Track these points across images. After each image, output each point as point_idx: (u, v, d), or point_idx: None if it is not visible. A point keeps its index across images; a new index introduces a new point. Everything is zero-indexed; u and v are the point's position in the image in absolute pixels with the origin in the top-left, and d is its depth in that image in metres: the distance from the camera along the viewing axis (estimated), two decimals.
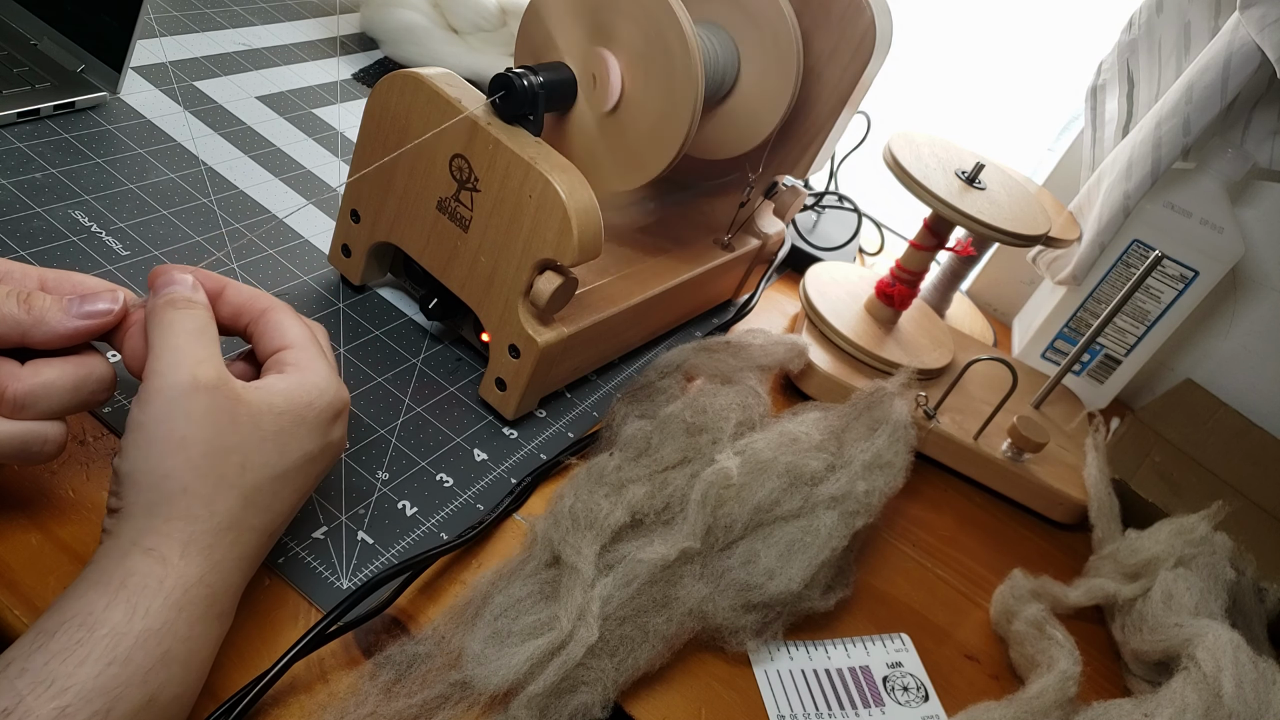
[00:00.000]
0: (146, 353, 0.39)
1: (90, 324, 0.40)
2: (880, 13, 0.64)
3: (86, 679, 0.33)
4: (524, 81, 0.52)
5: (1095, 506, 0.68)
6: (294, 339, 0.43)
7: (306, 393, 0.41)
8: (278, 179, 0.71)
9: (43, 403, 0.38)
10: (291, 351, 0.43)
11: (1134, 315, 0.83)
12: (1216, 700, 0.50)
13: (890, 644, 0.57)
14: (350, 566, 0.47)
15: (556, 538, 0.49)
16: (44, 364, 0.39)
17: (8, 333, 0.38)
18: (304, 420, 0.41)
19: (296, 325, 0.44)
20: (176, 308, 0.40)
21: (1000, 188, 0.71)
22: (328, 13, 0.96)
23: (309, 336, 0.44)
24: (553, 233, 0.51)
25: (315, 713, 0.41)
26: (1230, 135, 0.77)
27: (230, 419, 0.38)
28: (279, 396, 0.40)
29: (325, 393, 0.42)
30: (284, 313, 0.44)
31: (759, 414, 0.60)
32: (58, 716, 0.32)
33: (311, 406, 0.41)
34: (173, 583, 0.36)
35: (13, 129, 0.63)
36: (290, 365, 0.42)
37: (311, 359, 0.43)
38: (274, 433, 0.40)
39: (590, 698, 0.44)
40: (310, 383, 0.42)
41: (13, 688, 0.32)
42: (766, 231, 0.75)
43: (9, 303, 0.38)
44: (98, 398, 0.41)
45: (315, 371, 0.42)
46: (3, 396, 0.38)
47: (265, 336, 0.43)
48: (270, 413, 0.40)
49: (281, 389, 0.41)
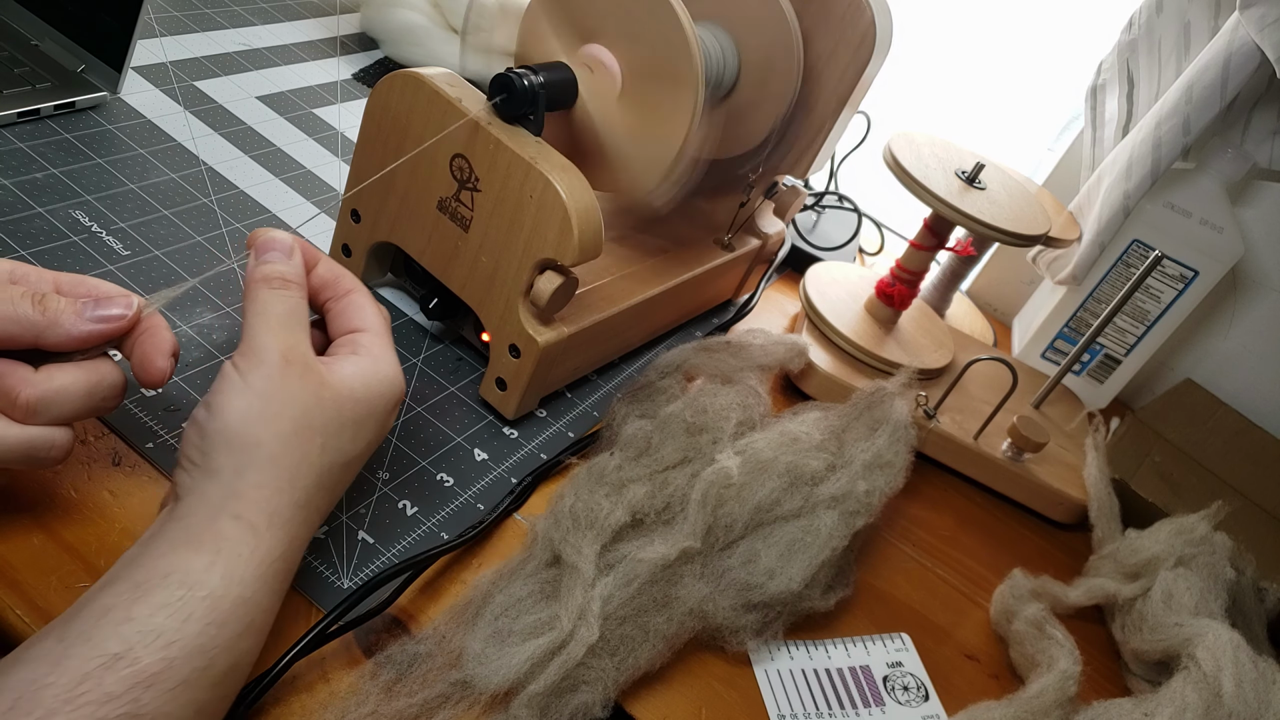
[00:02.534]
0: (243, 325, 0.41)
1: (103, 328, 0.40)
2: (880, 13, 0.64)
3: (190, 636, 0.34)
4: (524, 81, 0.52)
5: (1095, 506, 0.68)
6: (371, 324, 0.45)
7: (380, 384, 0.43)
8: (278, 179, 0.71)
9: (55, 408, 0.39)
10: (366, 335, 0.44)
11: (1134, 315, 0.83)
12: (1216, 700, 0.50)
13: (890, 644, 0.57)
14: (351, 566, 0.48)
15: (557, 537, 0.49)
16: (57, 369, 0.39)
17: (22, 333, 0.38)
18: (375, 411, 0.43)
19: (374, 311, 0.46)
20: (273, 288, 0.42)
21: (1000, 188, 0.71)
22: (328, 13, 0.96)
23: (383, 325, 0.46)
24: (553, 233, 0.51)
25: (316, 712, 0.41)
26: (1230, 135, 0.77)
27: (317, 400, 0.40)
28: (359, 385, 0.42)
29: (395, 385, 0.44)
30: (365, 296, 0.46)
31: (759, 414, 0.60)
32: (163, 669, 0.33)
33: (383, 398, 0.43)
34: (262, 554, 0.37)
35: (13, 129, 0.64)
36: (364, 350, 0.44)
37: (384, 348, 0.44)
38: (351, 419, 0.41)
39: (591, 697, 0.44)
40: (383, 374, 0.43)
41: (118, 634, 0.32)
42: (766, 231, 0.75)
43: (24, 304, 0.38)
44: (109, 404, 0.41)
45: (388, 362, 0.44)
46: (16, 401, 0.38)
47: (345, 315, 0.45)
48: (350, 399, 0.41)
49: (359, 376, 0.42)
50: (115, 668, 0.32)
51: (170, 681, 0.33)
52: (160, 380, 0.41)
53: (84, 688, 0.31)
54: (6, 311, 0.38)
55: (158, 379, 0.41)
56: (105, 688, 0.31)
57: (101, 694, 0.31)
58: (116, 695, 0.31)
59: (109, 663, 0.32)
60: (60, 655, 0.32)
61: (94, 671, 0.31)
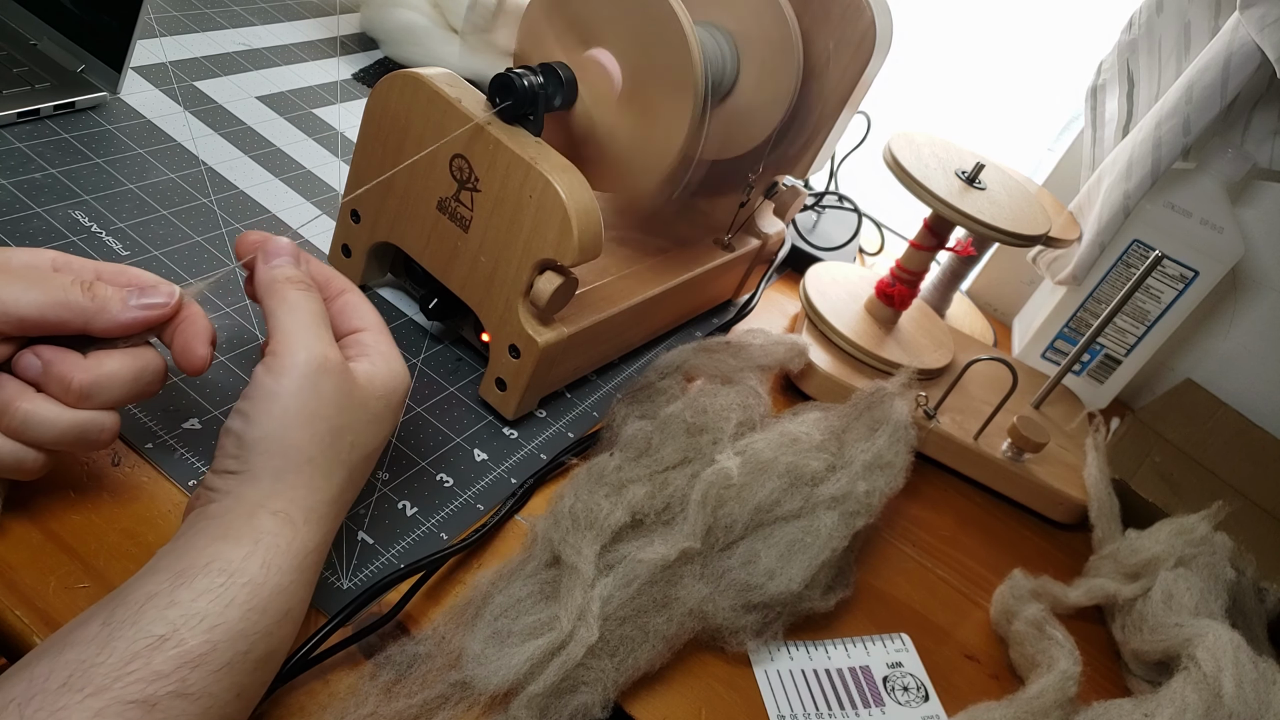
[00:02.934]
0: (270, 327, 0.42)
1: (148, 314, 0.41)
2: (880, 13, 0.63)
3: (233, 621, 0.35)
4: (524, 82, 0.52)
5: (1095, 506, 0.68)
6: (370, 322, 0.46)
7: (392, 379, 0.44)
8: (278, 179, 0.71)
9: (105, 393, 0.40)
10: (369, 334, 0.45)
11: (1134, 315, 0.83)
12: (1216, 700, 0.50)
13: (890, 644, 0.57)
14: (350, 566, 0.47)
15: (557, 538, 0.49)
16: (105, 356, 0.41)
17: (72, 319, 0.39)
18: (391, 405, 0.44)
19: (371, 310, 0.47)
20: (298, 289, 0.43)
21: (1000, 188, 0.71)
22: (328, 13, 0.96)
23: (381, 322, 0.47)
24: (553, 233, 0.51)
25: (315, 713, 0.41)
26: (1230, 135, 0.77)
27: (348, 400, 0.41)
28: (378, 382, 0.43)
29: (404, 379, 0.45)
30: (358, 295, 0.47)
31: (759, 414, 0.60)
32: (208, 651, 0.34)
33: (396, 392, 0.44)
34: (299, 545, 0.38)
35: (13, 129, 0.63)
36: (372, 348, 0.45)
37: (388, 344, 0.46)
38: (375, 416, 0.43)
39: (590, 698, 0.44)
40: (394, 370, 0.45)
41: (164, 617, 0.34)
42: (766, 231, 0.75)
43: (74, 290, 0.40)
44: (152, 388, 0.42)
45: (395, 358, 0.45)
46: (70, 386, 0.39)
47: (343, 316, 0.46)
48: (373, 396, 0.43)
49: (381, 376, 0.44)
50: (163, 648, 0.33)
51: (215, 663, 0.34)
52: (202, 366, 0.42)
53: (133, 666, 0.32)
54: (58, 298, 0.39)
55: (199, 365, 0.42)
56: (154, 666, 0.33)
57: (150, 672, 0.32)
58: (165, 674, 0.33)
59: (156, 644, 0.33)
60: (107, 637, 0.33)
61: (142, 651, 0.33)
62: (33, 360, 0.39)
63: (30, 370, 0.39)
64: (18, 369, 0.40)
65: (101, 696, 0.31)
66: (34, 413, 0.39)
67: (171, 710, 0.33)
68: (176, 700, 0.33)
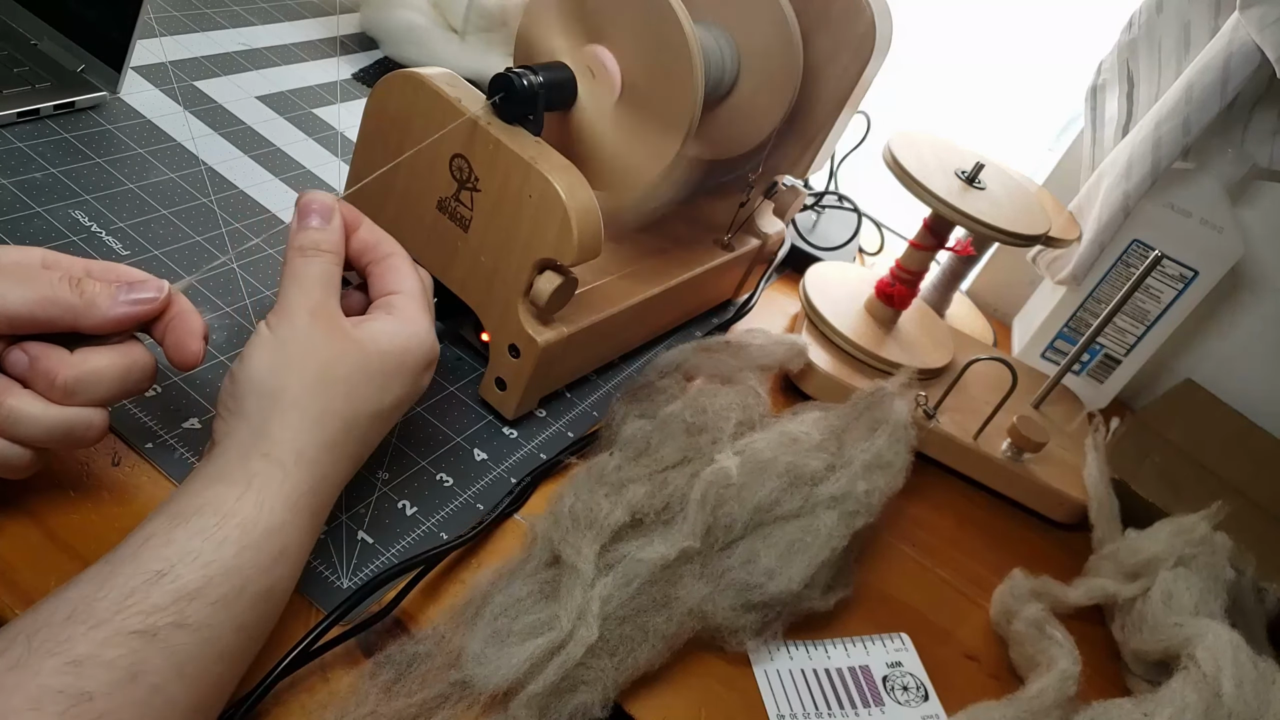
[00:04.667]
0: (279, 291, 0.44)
1: (137, 310, 0.41)
2: (880, 13, 0.64)
3: (227, 557, 0.36)
4: (524, 81, 0.52)
5: (1095, 506, 0.68)
6: (407, 287, 0.47)
7: (407, 340, 0.45)
8: (278, 179, 0.71)
9: (92, 389, 0.40)
10: (401, 298, 0.47)
11: (1134, 315, 0.83)
12: (1216, 700, 0.50)
13: (890, 644, 0.57)
14: (350, 566, 0.48)
15: (556, 537, 0.49)
16: (92, 352, 0.41)
17: (61, 315, 0.40)
18: (403, 366, 0.45)
19: (412, 275, 0.48)
20: (305, 256, 0.44)
21: (1000, 188, 0.71)
22: (328, 13, 0.96)
23: (420, 288, 0.48)
24: (553, 233, 0.51)
25: (315, 712, 0.41)
26: (1230, 135, 0.77)
27: (340, 353, 0.42)
28: (384, 339, 0.44)
29: (423, 343, 0.46)
30: (404, 260, 0.48)
31: (759, 414, 0.60)
32: (203, 585, 0.35)
33: (410, 353, 0.45)
34: (290, 487, 0.40)
35: (13, 129, 0.64)
36: (397, 310, 0.46)
37: (417, 310, 0.47)
38: (378, 372, 0.44)
39: (590, 697, 0.44)
40: (411, 332, 0.45)
41: (160, 555, 0.36)
42: (766, 231, 0.75)
43: (62, 287, 0.40)
44: (141, 386, 0.42)
45: (418, 322, 0.46)
46: (54, 382, 0.39)
47: (383, 278, 0.47)
48: (376, 353, 0.44)
49: (386, 333, 0.45)
50: (160, 583, 0.35)
51: (211, 596, 0.35)
52: (194, 362, 0.43)
53: (132, 600, 0.34)
54: (46, 294, 0.39)
55: (192, 361, 0.43)
56: (152, 599, 0.34)
57: (149, 605, 0.34)
58: (163, 606, 0.34)
59: (153, 579, 0.35)
60: (108, 574, 0.35)
61: (140, 586, 0.34)
62: (20, 356, 0.40)
63: (17, 366, 0.40)
64: (4, 365, 0.40)
65: (104, 628, 0.33)
66: (19, 409, 0.39)
67: (172, 639, 0.34)
68: (176, 630, 0.34)
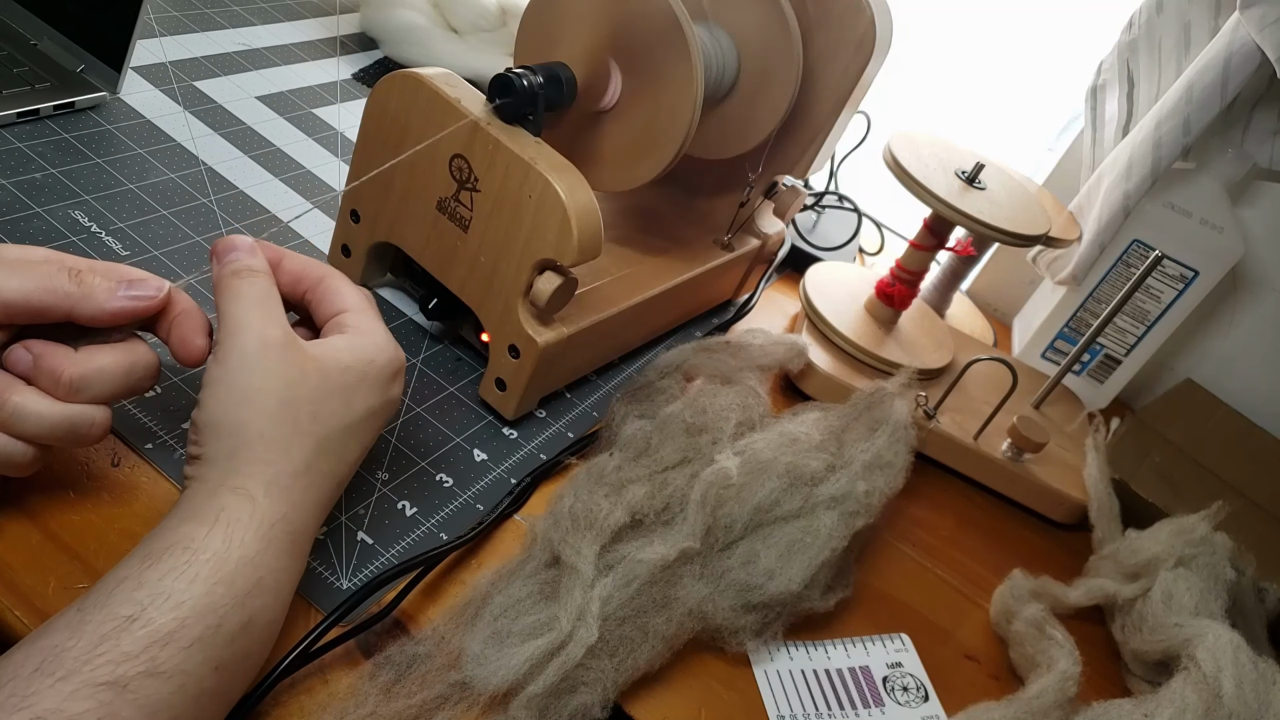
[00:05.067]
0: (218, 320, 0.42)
1: (136, 305, 0.41)
2: (880, 13, 0.63)
3: (198, 596, 0.35)
4: (524, 81, 0.52)
5: (1095, 506, 0.68)
6: (352, 303, 0.46)
7: (368, 351, 0.44)
8: (278, 179, 0.71)
9: (96, 386, 0.40)
10: (350, 314, 0.46)
11: (1134, 315, 0.83)
12: (1216, 700, 0.50)
13: (890, 644, 0.57)
14: (350, 567, 0.47)
15: (556, 538, 0.49)
16: (96, 350, 0.41)
17: (57, 304, 0.39)
18: (366, 376, 0.44)
19: (353, 291, 0.47)
20: (240, 277, 0.43)
21: (1000, 188, 0.71)
22: (328, 13, 0.96)
23: (365, 301, 0.47)
24: (553, 233, 0.51)
25: (315, 713, 0.41)
26: (1230, 135, 0.77)
27: (300, 373, 0.41)
28: (344, 353, 0.44)
29: (385, 351, 0.45)
30: (340, 279, 0.47)
31: (759, 414, 0.60)
32: (176, 628, 0.34)
33: (373, 364, 0.44)
34: (260, 517, 0.39)
35: (13, 129, 0.63)
36: (351, 327, 0.45)
37: (370, 321, 0.46)
38: (340, 387, 0.43)
39: (590, 698, 0.44)
40: (371, 343, 0.45)
41: (132, 598, 0.35)
42: (766, 231, 0.75)
43: (60, 276, 0.40)
44: (144, 384, 0.42)
45: (375, 333, 0.46)
46: (60, 379, 0.39)
47: (324, 301, 0.46)
48: (336, 368, 0.43)
49: (345, 347, 0.44)
50: (130, 629, 0.34)
51: (184, 639, 0.34)
52: (200, 358, 0.43)
53: (102, 649, 0.33)
54: (43, 284, 0.39)
55: (198, 357, 0.43)
56: (123, 647, 0.33)
57: (119, 653, 0.33)
58: (134, 654, 0.33)
59: (124, 624, 0.34)
60: (80, 622, 0.34)
61: (110, 633, 0.33)
62: (23, 354, 0.40)
63: (21, 364, 0.40)
64: (8, 362, 0.40)
65: (71, 680, 0.32)
66: (24, 405, 0.39)
67: (144, 690, 0.33)
68: (148, 680, 0.33)
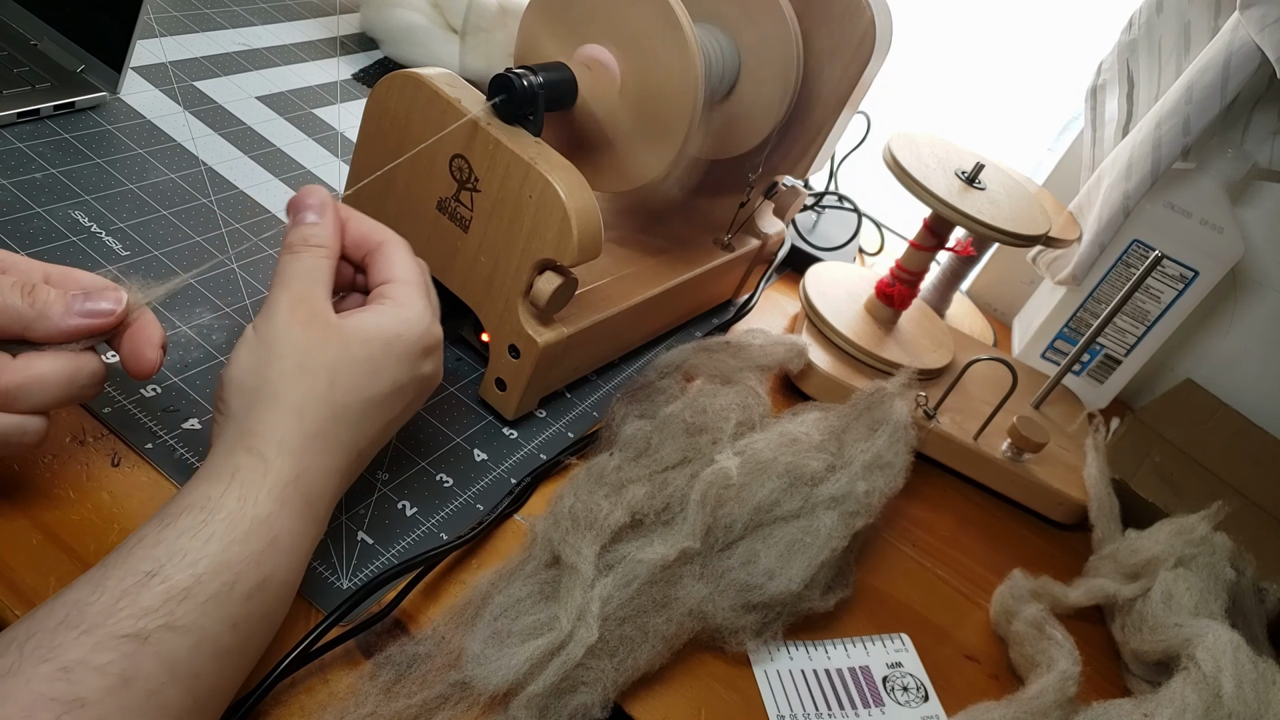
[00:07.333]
0: None
1: (91, 323, 0.40)
2: (880, 13, 0.63)
3: (215, 553, 0.36)
4: (524, 81, 0.52)
5: (1095, 506, 0.68)
6: (400, 274, 0.46)
7: (396, 325, 0.44)
8: (278, 179, 0.71)
9: (35, 396, 0.39)
10: (393, 285, 0.46)
11: (1134, 315, 0.83)
12: (1216, 700, 0.50)
13: (890, 644, 0.57)
14: (350, 566, 0.47)
15: (556, 538, 0.49)
16: (36, 357, 0.39)
17: (9, 324, 0.39)
18: (391, 350, 0.44)
19: (406, 261, 0.47)
20: (293, 251, 0.44)
21: (1000, 188, 0.71)
22: (328, 13, 0.96)
23: (415, 273, 0.47)
24: (553, 233, 0.51)
25: (315, 712, 0.41)
26: (1230, 135, 0.77)
27: (320, 341, 0.42)
28: (370, 327, 0.43)
29: (415, 327, 0.45)
30: (397, 246, 0.47)
31: (759, 414, 0.60)
32: (193, 584, 0.35)
33: (400, 338, 0.44)
34: (273, 478, 0.39)
35: (13, 129, 0.63)
36: (389, 299, 0.45)
37: (410, 295, 0.46)
38: (364, 358, 0.43)
39: (590, 698, 0.44)
40: (401, 316, 0.45)
41: (150, 555, 0.35)
42: (766, 231, 0.75)
43: (13, 294, 0.39)
44: (88, 393, 0.41)
45: (410, 307, 0.45)
46: None
47: (377, 267, 0.47)
48: (358, 339, 0.43)
49: (373, 320, 0.44)
50: (150, 585, 0.34)
51: (201, 595, 0.35)
52: (150, 371, 0.42)
53: (123, 603, 0.34)
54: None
55: (147, 370, 0.42)
56: (142, 602, 0.34)
57: (139, 608, 0.34)
58: (153, 608, 0.34)
59: (143, 580, 0.34)
60: (101, 578, 0.35)
61: (130, 588, 0.34)
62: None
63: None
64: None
65: (95, 633, 0.33)
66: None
67: (164, 642, 0.34)
68: (167, 633, 0.34)
